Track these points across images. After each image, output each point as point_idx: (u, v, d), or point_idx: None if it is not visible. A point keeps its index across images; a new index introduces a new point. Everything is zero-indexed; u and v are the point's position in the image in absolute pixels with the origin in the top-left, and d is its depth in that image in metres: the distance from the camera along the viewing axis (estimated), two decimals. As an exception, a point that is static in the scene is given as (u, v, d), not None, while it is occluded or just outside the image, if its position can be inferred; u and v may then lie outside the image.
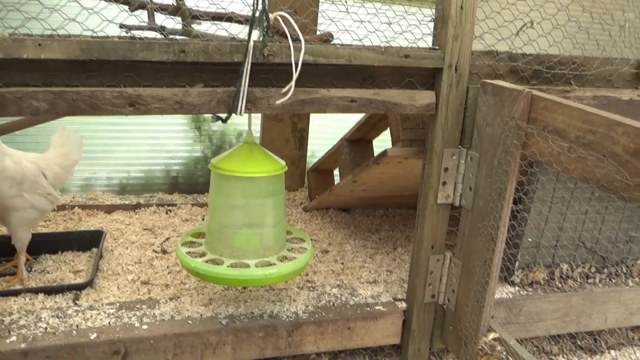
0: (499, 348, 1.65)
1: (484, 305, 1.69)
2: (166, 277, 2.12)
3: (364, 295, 2.00)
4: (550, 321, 2.13)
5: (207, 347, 1.67)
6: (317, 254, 2.41)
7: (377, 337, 1.89)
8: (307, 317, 1.79)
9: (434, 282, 1.88)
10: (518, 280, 2.15)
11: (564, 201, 2.10)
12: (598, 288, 2.21)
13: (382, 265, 2.34)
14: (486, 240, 1.66)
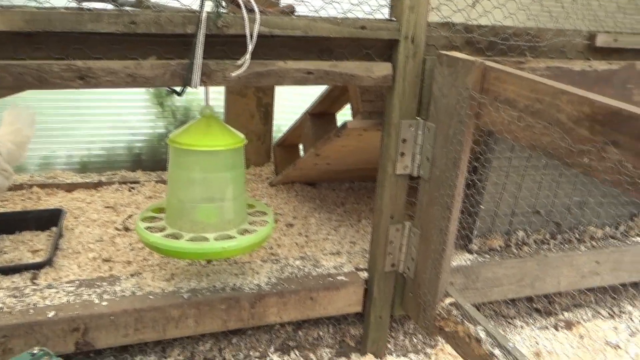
0: (454, 312, 1.71)
1: (441, 272, 1.75)
2: (128, 254, 2.10)
3: (326, 267, 2.03)
4: (507, 286, 2.21)
5: (170, 321, 1.68)
6: (282, 228, 2.43)
7: (339, 306, 1.93)
8: (269, 288, 1.82)
9: (394, 251, 1.92)
10: (476, 248, 2.21)
11: (520, 170, 2.16)
12: (552, 253, 2.29)
13: (346, 237, 2.38)
14: (442, 208, 1.70)
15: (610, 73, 1.99)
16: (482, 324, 1.62)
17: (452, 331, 1.71)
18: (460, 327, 1.68)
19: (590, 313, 2.55)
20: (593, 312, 2.56)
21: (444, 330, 1.76)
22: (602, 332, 2.39)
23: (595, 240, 2.48)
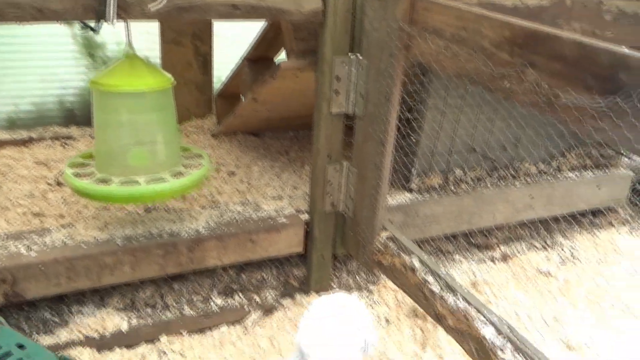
0: (391, 245, 1.75)
1: (377, 208, 1.77)
2: (61, 208, 2.03)
3: (267, 210, 2.03)
4: (445, 222, 2.28)
5: (104, 268, 1.65)
6: (224, 177, 2.40)
7: (280, 248, 1.95)
8: (208, 233, 1.80)
9: (333, 192, 1.93)
10: (415, 187, 2.26)
11: (456, 108, 2.19)
12: (488, 190, 2.37)
13: (288, 182, 2.38)
14: (376, 144, 1.71)
15: (541, 9, 2.02)
16: (416, 253, 1.67)
17: (390, 264, 1.76)
18: (396, 259, 1.72)
19: (524, 246, 2.68)
20: (527, 244, 2.69)
21: (382, 264, 1.80)
22: (535, 262, 2.52)
23: (529, 176, 2.57)
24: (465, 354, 1.83)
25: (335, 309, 1.09)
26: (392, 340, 1.91)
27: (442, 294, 1.53)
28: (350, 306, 1.11)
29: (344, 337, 1.06)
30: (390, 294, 2.17)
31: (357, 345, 1.07)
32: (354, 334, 1.07)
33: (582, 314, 2.11)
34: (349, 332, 1.06)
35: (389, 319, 2.04)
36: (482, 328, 1.40)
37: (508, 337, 1.35)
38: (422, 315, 2.05)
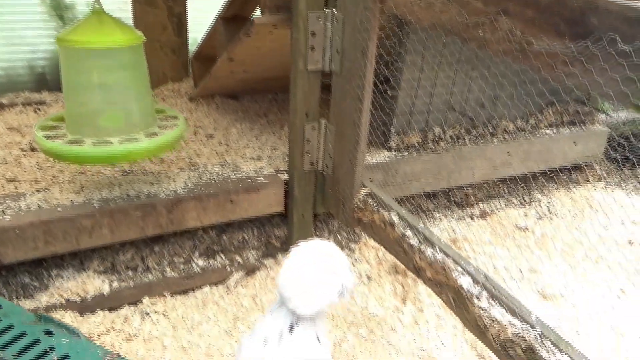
0: (370, 202, 1.76)
1: (356, 165, 1.77)
2: (36, 173, 2.00)
3: (246, 171, 2.02)
4: (424, 180, 2.30)
5: (82, 231, 1.63)
6: (202, 139, 2.37)
7: (260, 208, 1.95)
8: (187, 193, 1.79)
9: (311, 150, 1.93)
10: (394, 145, 2.26)
11: (434, 66, 2.18)
12: (466, 147, 2.39)
13: (267, 143, 2.36)
14: (354, 101, 1.69)
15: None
16: (395, 209, 1.68)
17: (369, 220, 1.77)
18: (376, 216, 1.73)
19: (503, 203, 2.72)
20: (506, 201, 2.73)
21: (362, 221, 1.82)
22: (513, 218, 2.57)
23: (507, 134, 2.60)
24: (443, 305, 1.88)
25: (313, 256, 1.09)
26: (374, 296, 1.95)
27: (421, 247, 1.55)
28: (329, 252, 1.12)
29: (323, 282, 1.07)
30: (371, 252, 2.20)
31: (335, 290, 1.09)
32: (333, 280, 1.09)
33: (558, 266, 2.17)
34: (328, 278, 1.08)
35: (370, 276, 2.07)
36: (459, 278, 1.43)
37: (484, 285, 1.38)
38: (403, 271, 2.08)
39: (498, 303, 1.34)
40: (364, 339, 1.70)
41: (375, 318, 1.82)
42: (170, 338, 1.68)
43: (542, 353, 1.21)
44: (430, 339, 1.74)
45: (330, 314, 1.82)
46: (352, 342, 1.68)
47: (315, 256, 1.10)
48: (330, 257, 1.11)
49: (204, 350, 1.63)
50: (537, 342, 1.23)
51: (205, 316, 1.79)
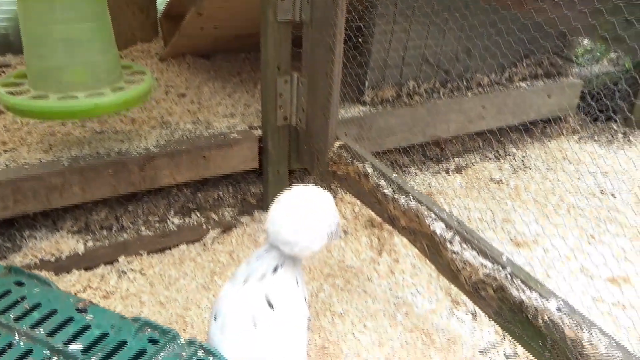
0: (344, 154, 1.76)
1: (329, 117, 1.76)
2: (2, 135, 1.93)
3: (219, 127, 1.99)
4: (400, 134, 2.30)
5: (52, 190, 1.60)
6: (173, 98, 2.32)
7: (234, 164, 1.93)
8: (158, 150, 1.76)
9: (284, 104, 1.90)
10: (369, 100, 2.25)
11: (407, 18, 2.15)
12: (441, 101, 2.39)
13: (240, 101, 2.32)
14: (325, 51, 1.67)
15: None
16: (369, 160, 1.68)
17: (344, 173, 1.77)
18: (350, 168, 1.73)
19: (478, 157, 2.75)
20: (481, 155, 2.76)
21: (336, 174, 1.82)
22: (488, 171, 2.60)
23: (482, 87, 2.60)
24: (419, 255, 1.91)
25: (303, 199, 1.12)
26: (350, 249, 1.97)
27: (394, 196, 1.56)
28: (318, 196, 1.15)
29: (311, 224, 1.10)
30: (347, 207, 2.21)
31: (323, 233, 1.12)
32: (321, 222, 1.12)
33: (530, 215, 2.21)
34: (316, 220, 1.11)
35: (346, 230, 2.08)
36: (432, 224, 1.44)
37: (457, 230, 1.40)
38: (379, 224, 2.11)
39: (470, 246, 1.37)
40: (341, 289, 1.72)
41: (351, 269, 1.85)
42: (148, 294, 1.68)
43: (512, 291, 1.25)
44: (405, 287, 1.77)
45: (307, 267, 1.84)
46: (329, 292, 1.70)
47: (305, 198, 1.13)
48: (319, 200, 1.14)
49: (182, 304, 1.63)
50: (507, 281, 1.26)
51: (182, 272, 1.79)
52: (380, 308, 1.65)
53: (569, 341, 1.12)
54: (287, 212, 1.11)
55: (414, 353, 1.47)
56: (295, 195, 1.15)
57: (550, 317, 1.15)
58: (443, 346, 1.50)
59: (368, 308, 1.64)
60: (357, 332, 1.53)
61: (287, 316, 1.09)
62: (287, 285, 1.12)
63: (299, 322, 1.12)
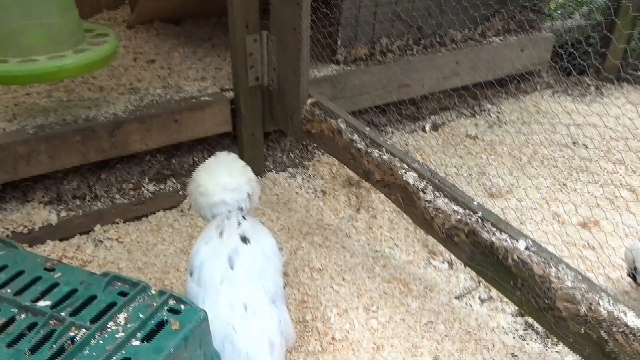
0: (317, 112, 1.75)
1: (300, 74, 1.74)
2: (-36, 108, 1.88)
3: (190, 91, 1.96)
4: (374, 92, 2.29)
5: (18, 159, 1.57)
6: (142, 65, 2.27)
7: (207, 127, 1.91)
8: (127, 115, 1.73)
9: (255, 64, 1.87)
10: (342, 58, 2.23)
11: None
12: (415, 57, 2.37)
13: (212, 65, 2.28)
14: (293, 6, 1.63)
15: None
16: (341, 116, 1.67)
17: (318, 131, 1.76)
18: (324, 125, 1.72)
19: (454, 114, 2.75)
20: (457, 112, 2.77)
21: (311, 132, 1.80)
22: (464, 128, 2.61)
23: (455, 43, 2.59)
24: (396, 210, 1.93)
25: (220, 165, 1.40)
26: (328, 208, 1.97)
27: (368, 150, 1.56)
28: (234, 161, 1.43)
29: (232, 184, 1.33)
30: (325, 168, 2.21)
31: (244, 191, 1.34)
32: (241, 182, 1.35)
33: (505, 168, 2.24)
34: (236, 181, 1.34)
35: (325, 190, 2.09)
36: (405, 175, 1.45)
37: (429, 179, 1.41)
38: (357, 182, 2.11)
39: (442, 194, 1.38)
40: (319, 246, 1.74)
41: (330, 227, 1.86)
42: (126, 261, 1.67)
43: (483, 234, 1.26)
44: (383, 241, 1.79)
45: (285, 226, 1.84)
46: (307, 249, 1.71)
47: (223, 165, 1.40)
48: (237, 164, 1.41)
49: (160, 268, 1.63)
50: (478, 225, 1.28)
51: (160, 238, 1.78)
52: (358, 262, 1.67)
53: (537, 278, 1.15)
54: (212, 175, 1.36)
55: (391, 301, 1.50)
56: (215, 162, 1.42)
57: (519, 257, 1.18)
58: (420, 294, 1.53)
59: (346, 263, 1.66)
60: (335, 285, 1.55)
61: (261, 246, 1.23)
62: (256, 224, 1.29)
63: (272, 250, 1.26)
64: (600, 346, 1.08)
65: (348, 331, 1.39)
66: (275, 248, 1.27)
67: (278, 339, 1.13)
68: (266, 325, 1.12)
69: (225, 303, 1.11)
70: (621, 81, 3.14)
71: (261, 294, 1.16)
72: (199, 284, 1.15)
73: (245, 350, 1.07)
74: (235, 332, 1.08)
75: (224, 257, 1.17)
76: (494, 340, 1.39)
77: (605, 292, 1.09)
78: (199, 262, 1.18)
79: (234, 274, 1.15)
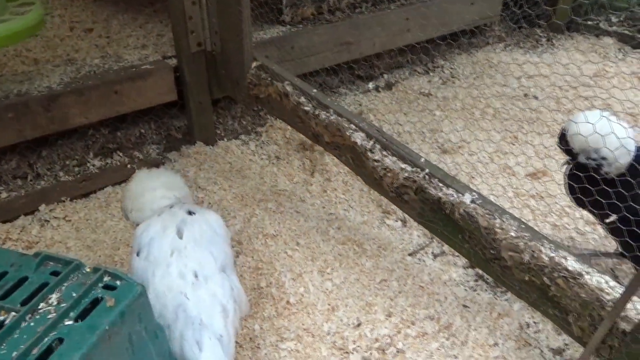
0: (263, 75, 1.70)
1: (243, 37, 1.68)
2: None
3: (130, 60, 1.88)
4: (323, 53, 2.24)
5: (-54, 140, 1.48)
6: (79, 34, 2.16)
7: (151, 97, 1.83)
8: (63, 88, 1.65)
9: (196, 28, 1.80)
10: (288, 19, 2.16)
11: None
12: (364, 15, 2.32)
13: (154, 31, 2.19)
14: (230, -36, 1.56)
15: None
16: (288, 78, 1.63)
17: (266, 96, 1.72)
18: (271, 89, 1.68)
19: (407, 72, 2.74)
20: (410, 70, 2.75)
21: (259, 97, 1.76)
22: (418, 86, 2.60)
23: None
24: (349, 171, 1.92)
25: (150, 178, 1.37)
26: (282, 174, 1.95)
27: (315, 111, 1.53)
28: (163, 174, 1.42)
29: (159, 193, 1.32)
30: (278, 133, 2.18)
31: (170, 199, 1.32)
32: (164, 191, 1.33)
33: (457, 123, 2.25)
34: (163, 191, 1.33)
35: (278, 156, 2.06)
36: (352, 135, 1.43)
37: (377, 138, 1.40)
38: (310, 146, 2.09)
39: (390, 153, 1.37)
40: (273, 212, 1.72)
41: (284, 193, 1.84)
42: (74, 240, 1.62)
43: (430, 190, 1.27)
44: (338, 203, 1.79)
45: (239, 194, 1.81)
46: (261, 216, 1.70)
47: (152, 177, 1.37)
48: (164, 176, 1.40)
49: (110, 244, 1.59)
50: (426, 182, 1.28)
51: (109, 215, 1.73)
52: (313, 226, 1.66)
53: (483, 230, 1.16)
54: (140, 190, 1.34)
55: (346, 263, 1.50)
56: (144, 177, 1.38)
57: (465, 210, 1.19)
58: (374, 253, 1.54)
59: (300, 227, 1.65)
60: (289, 250, 1.54)
61: (206, 218, 1.23)
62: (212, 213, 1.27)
63: (218, 222, 1.26)
64: (543, 291, 1.11)
65: (303, 295, 1.39)
66: (221, 221, 1.27)
67: (231, 305, 1.13)
68: (218, 291, 1.12)
69: (176, 273, 1.11)
70: (571, 31, 3.18)
71: (211, 262, 1.15)
72: (148, 259, 1.13)
73: (199, 317, 1.06)
74: (187, 299, 1.07)
75: (173, 228, 1.17)
76: (446, 293, 1.42)
77: (547, 239, 1.11)
78: (148, 239, 1.17)
79: (182, 244, 1.14)
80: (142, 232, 1.20)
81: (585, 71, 2.64)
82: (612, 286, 0.99)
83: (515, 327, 1.33)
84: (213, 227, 1.21)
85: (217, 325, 1.06)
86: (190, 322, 1.05)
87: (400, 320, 1.33)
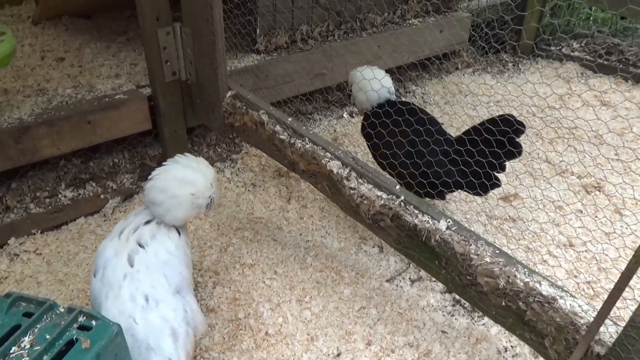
0: (238, 104, 1.71)
1: (217, 67, 1.69)
2: None
3: (103, 89, 1.86)
4: (297, 80, 2.27)
5: None
6: (50, 64, 2.13)
7: (125, 127, 1.82)
8: (34, 119, 1.62)
9: (170, 58, 1.80)
10: (262, 48, 2.18)
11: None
12: (336, 43, 2.37)
13: (127, 60, 2.18)
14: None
15: None
16: (263, 107, 1.64)
17: (241, 124, 1.73)
18: (246, 118, 1.69)
19: (380, 97, 2.78)
20: (382, 96, 2.80)
21: (234, 125, 1.76)
22: (390, 111, 2.64)
23: (376, 27, 2.60)
24: (324, 198, 1.93)
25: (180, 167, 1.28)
26: (259, 201, 1.95)
27: (291, 140, 1.55)
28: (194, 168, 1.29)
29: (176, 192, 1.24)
30: (254, 160, 2.18)
31: (187, 202, 1.26)
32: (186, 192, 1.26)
33: (431, 148, 2.28)
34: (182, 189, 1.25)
35: (254, 183, 2.06)
36: (328, 163, 1.45)
37: (352, 166, 1.42)
38: (286, 173, 2.09)
39: (366, 180, 1.39)
40: (250, 240, 1.71)
41: (261, 220, 1.83)
42: (45, 274, 1.58)
43: (406, 217, 1.29)
44: (315, 230, 1.79)
45: (215, 223, 1.80)
46: (238, 245, 1.68)
47: (183, 166, 1.28)
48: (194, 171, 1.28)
49: (83, 278, 1.55)
50: (401, 209, 1.30)
51: (82, 246, 1.70)
52: (290, 254, 1.66)
53: (459, 256, 1.18)
54: (161, 176, 1.25)
55: (324, 290, 1.50)
56: (175, 162, 1.29)
57: (441, 236, 1.21)
58: (352, 280, 1.55)
59: (278, 255, 1.65)
60: (267, 280, 1.53)
61: (156, 251, 1.20)
62: (156, 231, 1.23)
63: (175, 244, 1.24)
64: (519, 316, 1.13)
65: (281, 325, 1.38)
66: (180, 242, 1.26)
67: (183, 329, 1.13)
68: (169, 315, 1.12)
69: (127, 296, 1.11)
70: (536, 57, 3.29)
71: (164, 285, 1.16)
72: (102, 282, 1.13)
73: (146, 341, 1.05)
74: (136, 323, 1.06)
75: (124, 256, 1.16)
76: (424, 319, 1.42)
77: (522, 264, 1.14)
78: (104, 261, 1.16)
79: (135, 269, 1.15)
80: (100, 251, 1.21)
81: (550, 95, 2.74)
82: (585, 310, 1.02)
83: (493, 352, 1.34)
84: (169, 250, 1.21)
85: (166, 349, 1.06)
86: (137, 346, 1.06)
87: (380, 348, 1.33)
